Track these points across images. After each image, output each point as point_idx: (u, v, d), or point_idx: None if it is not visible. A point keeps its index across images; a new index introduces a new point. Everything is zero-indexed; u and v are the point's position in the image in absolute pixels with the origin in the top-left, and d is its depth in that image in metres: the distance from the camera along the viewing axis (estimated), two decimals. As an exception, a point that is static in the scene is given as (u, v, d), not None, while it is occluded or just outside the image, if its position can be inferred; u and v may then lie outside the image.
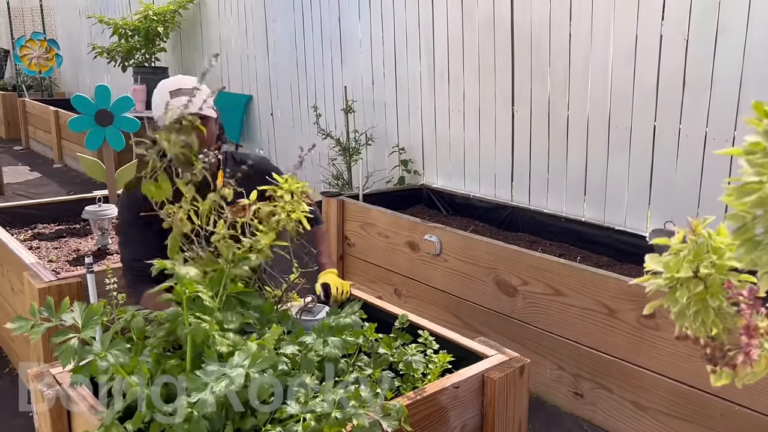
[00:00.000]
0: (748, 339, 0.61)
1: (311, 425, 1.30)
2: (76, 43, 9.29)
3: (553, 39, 3.39)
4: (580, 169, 3.39)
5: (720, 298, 0.68)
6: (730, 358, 0.68)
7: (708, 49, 2.79)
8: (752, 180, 0.48)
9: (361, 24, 4.61)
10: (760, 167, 0.48)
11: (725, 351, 0.68)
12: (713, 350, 0.67)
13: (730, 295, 0.65)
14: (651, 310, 0.74)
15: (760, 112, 0.51)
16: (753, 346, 0.62)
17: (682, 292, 0.69)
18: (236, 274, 1.53)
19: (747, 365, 0.65)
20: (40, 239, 3.25)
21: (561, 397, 2.72)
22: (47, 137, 7.81)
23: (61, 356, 1.31)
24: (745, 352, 0.62)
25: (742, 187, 0.50)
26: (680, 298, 0.69)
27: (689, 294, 0.68)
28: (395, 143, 4.43)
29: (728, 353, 0.68)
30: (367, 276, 3.64)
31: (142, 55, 6.61)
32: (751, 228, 0.57)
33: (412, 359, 1.69)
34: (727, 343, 0.70)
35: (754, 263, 0.56)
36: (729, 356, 0.68)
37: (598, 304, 2.52)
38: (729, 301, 0.67)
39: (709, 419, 2.23)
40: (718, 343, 0.68)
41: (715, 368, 0.68)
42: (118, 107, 3.41)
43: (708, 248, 0.69)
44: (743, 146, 0.55)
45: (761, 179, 0.47)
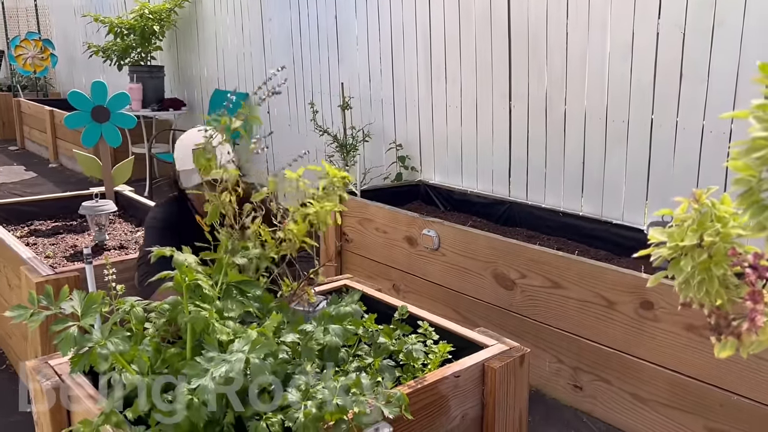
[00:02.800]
0: (753, 304, 0.61)
1: (312, 412, 1.29)
2: (71, 42, 9.26)
3: (550, 34, 3.40)
4: (578, 164, 3.39)
5: (724, 267, 0.68)
6: (735, 327, 0.67)
7: (705, 43, 2.79)
8: (761, 135, 0.48)
9: (357, 21, 4.61)
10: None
11: (730, 320, 0.68)
12: (718, 318, 0.67)
13: (735, 262, 0.65)
14: (656, 282, 0.74)
15: (765, 72, 0.51)
16: (758, 311, 0.62)
17: (687, 261, 0.69)
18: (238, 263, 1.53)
19: (752, 333, 0.64)
20: (36, 236, 3.23)
21: (560, 389, 2.72)
22: (42, 137, 7.79)
23: (61, 344, 1.31)
24: (750, 318, 0.62)
25: (751, 144, 0.50)
26: (684, 267, 0.69)
27: (693, 263, 0.68)
28: (392, 140, 4.43)
29: (732, 322, 0.68)
30: (365, 271, 3.64)
31: (137, 53, 6.60)
32: (757, 191, 0.57)
33: (413, 348, 1.69)
34: (731, 313, 0.70)
35: (761, 226, 0.56)
36: (734, 325, 0.68)
37: (596, 297, 2.52)
38: (733, 269, 0.67)
39: (708, 409, 2.23)
40: (723, 311, 0.67)
41: (720, 337, 0.68)
42: (115, 104, 3.41)
43: (712, 217, 0.69)
44: (749, 108, 0.55)
45: (769, 135, 0.47)
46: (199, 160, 1.55)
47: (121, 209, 3.57)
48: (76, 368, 1.34)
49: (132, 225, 3.44)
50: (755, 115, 0.51)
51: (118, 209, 3.37)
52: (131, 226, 3.41)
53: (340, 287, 2.20)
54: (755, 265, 0.62)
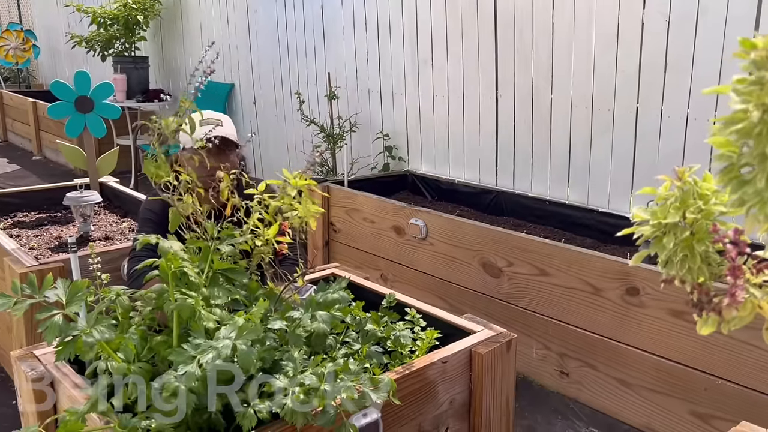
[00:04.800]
0: (733, 280, 0.62)
1: (300, 398, 1.29)
2: (54, 33, 9.13)
3: (537, 23, 3.40)
4: (564, 152, 3.41)
5: (706, 244, 0.68)
6: (716, 303, 0.68)
7: (689, 30, 2.81)
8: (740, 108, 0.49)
9: (344, 10, 4.58)
10: (747, 95, 0.48)
11: (711, 296, 0.69)
12: (700, 294, 0.68)
13: (716, 239, 0.66)
14: (638, 261, 0.75)
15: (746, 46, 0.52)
16: (738, 287, 0.63)
17: (669, 238, 0.69)
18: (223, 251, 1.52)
19: (732, 308, 0.65)
20: (20, 227, 3.20)
21: (546, 376, 2.75)
22: (25, 129, 7.69)
23: (46, 332, 1.30)
24: (730, 293, 0.63)
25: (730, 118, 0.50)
26: (667, 245, 0.69)
27: (676, 240, 0.69)
28: (379, 129, 4.42)
29: (714, 298, 0.69)
30: (352, 261, 3.64)
31: (121, 44, 6.52)
32: (737, 166, 0.57)
33: (401, 334, 1.69)
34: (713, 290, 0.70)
35: (741, 201, 0.57)
36: (715, 301, 0.69)
37: (582, 283, 2.54)
38: (714, 245, 0.67)
39: (693, 393, 2.26)
40: (704, 287, 0.68)
41: (701, 314, 0.69)
42: (99, 94, 3.37)
43: (694, 195, 0.70)
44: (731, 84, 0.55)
45: (748, 107, 0.48)
46: (148, 168, 1.54)
47: (106, 200, 3.54)
48: (61, 356, 1.33)
49: (117, 216, 3.41)
50: (735, 88, 0.51)
51: (103, 200, 3.34)
52: (116, 217, 3.38)
53: (327, 276, 2.20)
54: (735, 240, 0.63)
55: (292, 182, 1.59)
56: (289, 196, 1.57)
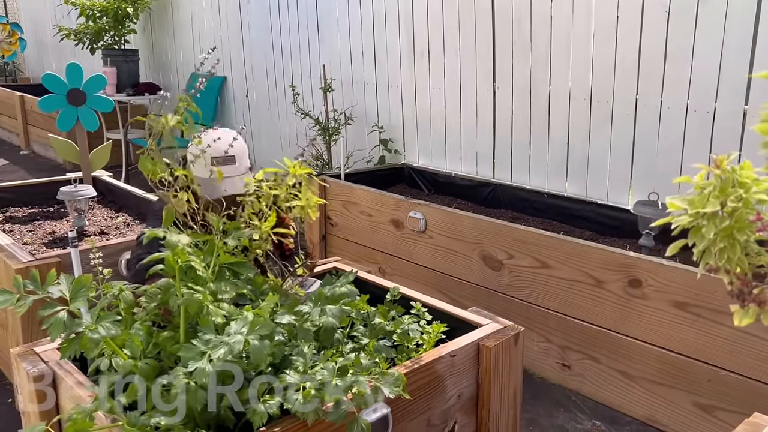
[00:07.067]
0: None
1: (312, 393, 1.27)
2: (41, 26, 9.00)
3: (534, 14, 3.38)
4: (562, 145, 3.40)
5: (747, 233, 0.67)
6: (757, 294, 0.67)
7: (689, 21, 2.80)
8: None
9: (338, 1, 4.54)
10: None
11: (753, 287, 0.67)
12: (742, 285, 0.66)
13: (759, 228, 0.64)
14: (675, 251, 0.73)
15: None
16: (785, 277, 0.61)
17: (709, 227, 0.68)
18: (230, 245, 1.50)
19: (776, 299, 0.64)
20: (12, 222, 3.14)
21: (548, 369, 2.74)
22: (13, 123, 7.58)
23: (51, 329, 1.26)
24: (776, 284, 0.61)
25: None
26: (707, 234, 0.68)
27: (716, 230, 0.67)
28: (375, 122, 4.39)
29: (755, 290, 0.67)
30: (350, 255, 3.61)
31: (111, 37, 6.42)
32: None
33: (409, 328, 1.68)
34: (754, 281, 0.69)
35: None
36: (755, 293, 0.67)
37: (584, 276, 2.53)
38: (757, 233, 0.66)
39: (696, 385, 2.26)
40: (746, 278, 0.67)
41: (743, 304, 0.67)
42: (91, 86, 3.31)
43: (734, 183, 0.68)
44: None
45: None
46: (144, 165, 1.51)
47: (100, 195, 3.49)
48: (66, 354, 1.30)
49: (111, 210, 3.36)
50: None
51: (97, 194, 3.29)
52: (111, 212, 3.33)
53: (330, 270, 2.18)
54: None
55: (292, 170, 1.56)
56: (288, 185, 1.55)
